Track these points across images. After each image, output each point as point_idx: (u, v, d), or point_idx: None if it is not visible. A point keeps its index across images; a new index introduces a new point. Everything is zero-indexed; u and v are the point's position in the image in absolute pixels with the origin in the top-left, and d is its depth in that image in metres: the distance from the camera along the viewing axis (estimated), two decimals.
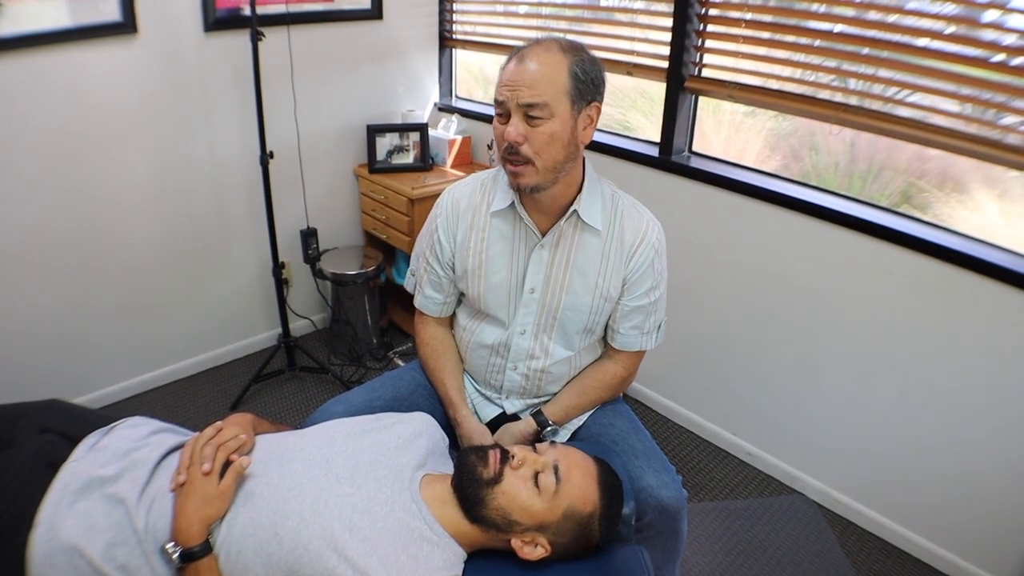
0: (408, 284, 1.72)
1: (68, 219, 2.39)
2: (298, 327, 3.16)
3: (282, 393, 2.86)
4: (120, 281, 2.59)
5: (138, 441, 1.24)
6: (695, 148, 2.55)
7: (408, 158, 3.10)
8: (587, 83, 1.33)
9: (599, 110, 1.38)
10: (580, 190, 1.45)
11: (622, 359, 1.60)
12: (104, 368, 2.67)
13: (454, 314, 1.69)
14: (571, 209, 1.44)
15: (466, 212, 1.53)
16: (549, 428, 1.57)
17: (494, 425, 1.63)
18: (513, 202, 1.46)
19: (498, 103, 1.34)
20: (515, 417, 1.64)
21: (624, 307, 1.52)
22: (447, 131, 3.18)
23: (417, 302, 1.67)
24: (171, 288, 2.75)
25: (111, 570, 1.07)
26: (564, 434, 1.63)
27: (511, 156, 1.34)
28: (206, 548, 1.08)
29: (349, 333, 3.07)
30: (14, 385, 2.29)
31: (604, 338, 1.61)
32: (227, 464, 1.16)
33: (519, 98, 1.30)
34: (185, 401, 2.77)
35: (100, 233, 2.48)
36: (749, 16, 2.19)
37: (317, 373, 2.95)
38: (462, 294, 1.63)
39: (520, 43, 1.38)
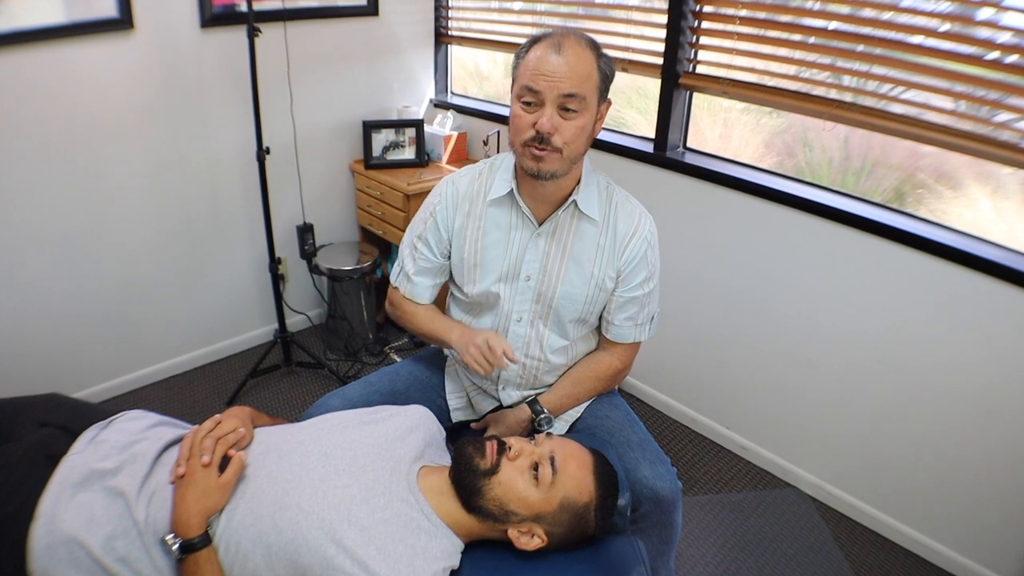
0: (393, 274, 1.67)
1: (64, 215, 2.39)
2: (294, 322, 3.16)
3: (278, 388, 2.86)
4: (117, 277, 2.60)
5: (137, 434, 1.25)
6: (690, 144, 2.56)
7: (404, 154, 3.10)
8: (609, 81, 1.38)
9: (609, 107, 1.42)
10: (578, 181, 1.47)
11: (617, 351, 1.62)
12: (101, 364, 2.68)
13: (449, 310, 1.68)
14: (570, 199, 1.46)
15: (463, 201, 1.53)
16: (543, 416, 1.58)
17: None
18: (512, 190, 1.47)
19: (530, 91, 1.32)
20: None
21: (619, 298, 1.53)
22: (443, 127, 3.18)
23: (407, 291, 1.62)
24: (168, 284, 2.76)
25: (111, 562, 1.07)
26: (561, 427, 1.64)
27: (538, 144, 1.34)
28: (205, 540, 1.08)
29: (345, 328, 3.07)
30: (13, 380, 2.30)
31: (599, 329, 1.62)
32: (226, 457, 1.17)
33: (560, 89, 1.30)
34: (182, 397, 2.78)
35: (97, 229, 2.48)
36: (744, 13, 2.19)
37: (313, 368, 2.96)
38: (457, 287, 1.62)
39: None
